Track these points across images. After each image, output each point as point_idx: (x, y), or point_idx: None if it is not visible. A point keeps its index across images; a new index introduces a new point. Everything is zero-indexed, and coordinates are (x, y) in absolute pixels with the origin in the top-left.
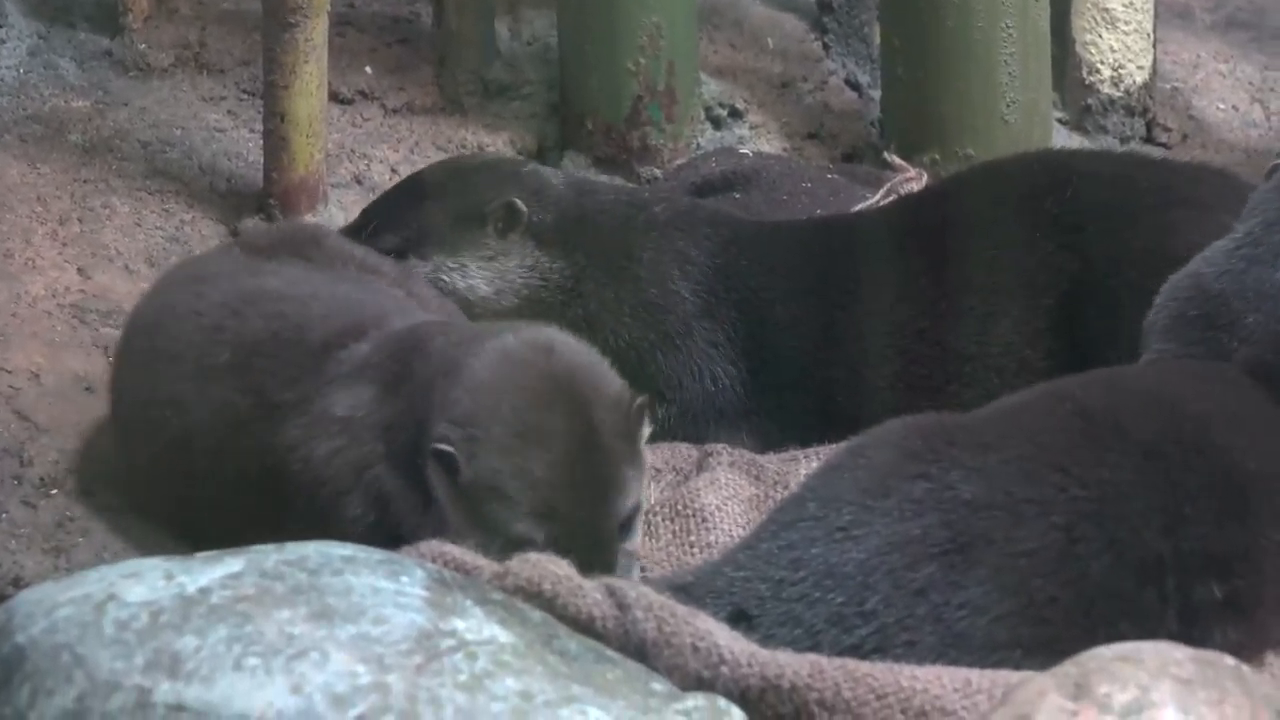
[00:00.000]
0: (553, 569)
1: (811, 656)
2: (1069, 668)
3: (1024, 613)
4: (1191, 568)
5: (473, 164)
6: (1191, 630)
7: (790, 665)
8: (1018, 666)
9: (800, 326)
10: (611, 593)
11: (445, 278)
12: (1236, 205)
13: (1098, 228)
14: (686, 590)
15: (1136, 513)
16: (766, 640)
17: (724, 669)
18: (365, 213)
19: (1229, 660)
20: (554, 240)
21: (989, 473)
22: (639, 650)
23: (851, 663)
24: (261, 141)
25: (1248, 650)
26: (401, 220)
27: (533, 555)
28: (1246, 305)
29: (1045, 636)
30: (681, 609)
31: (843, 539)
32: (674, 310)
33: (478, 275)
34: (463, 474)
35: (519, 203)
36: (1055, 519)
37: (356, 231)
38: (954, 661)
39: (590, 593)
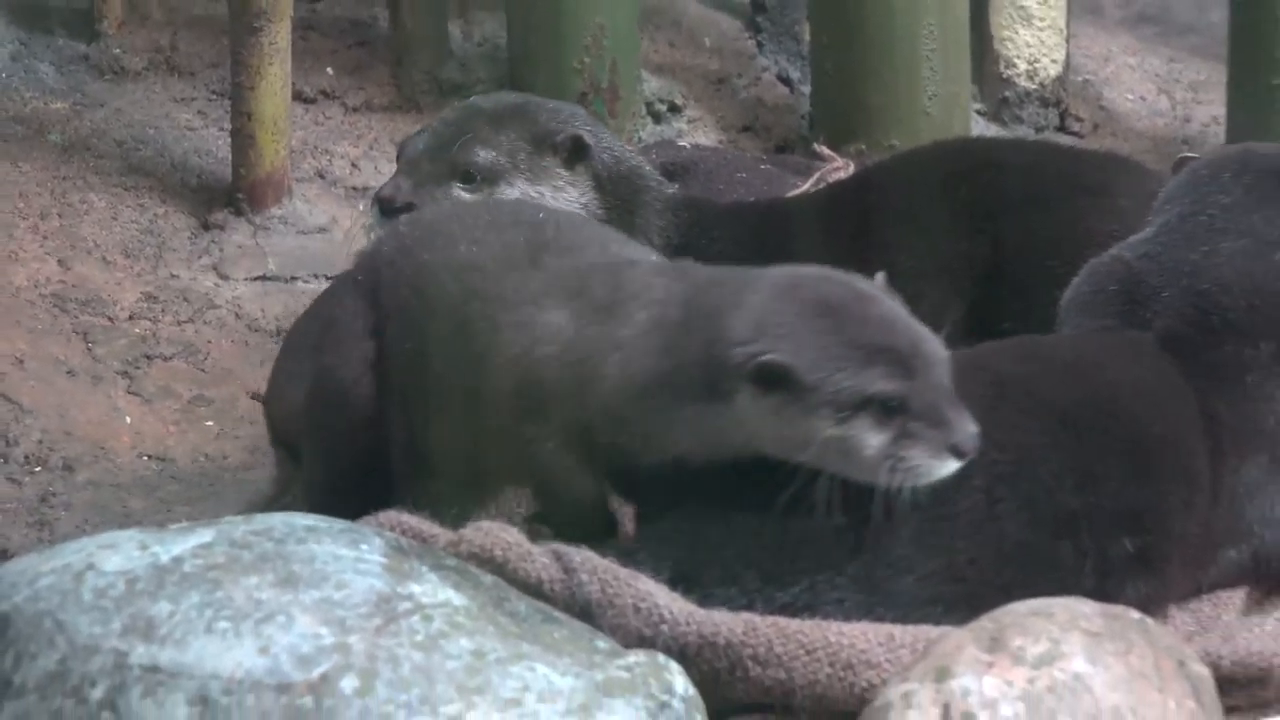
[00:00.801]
0: (504, 536)
1: (745, 615)
2: (985, 623)
3: (945, 572)
4: (1105, 524)
5: (534, 99)
6: (1106, 583)
7: (725, 623)
8: (939, 622)
9: None
10: (558, 557)
11: None
12: (1139, 191)
13: (1009, 213)
14: (629, 554)
15: (1051, 473)
16: (705, 600)
17: (664, 628)
18: (445, 129)
19: (1134, 614)
20: (604, 183)
21: None
22: (584, 611)
23: (783, 620)
24: (230, 139)
25: (1155, 603)
26: (489, 143)
27: (485, 524)
28: (1163, 281)
29: (964, 593)
30: (624, 572)
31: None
32: None
33: (553, 203)
34: (796, 367)
35: (585, 136)
36: (975, 482)
37: (446, 144)
38: (880, 618)
39: (538, 558)
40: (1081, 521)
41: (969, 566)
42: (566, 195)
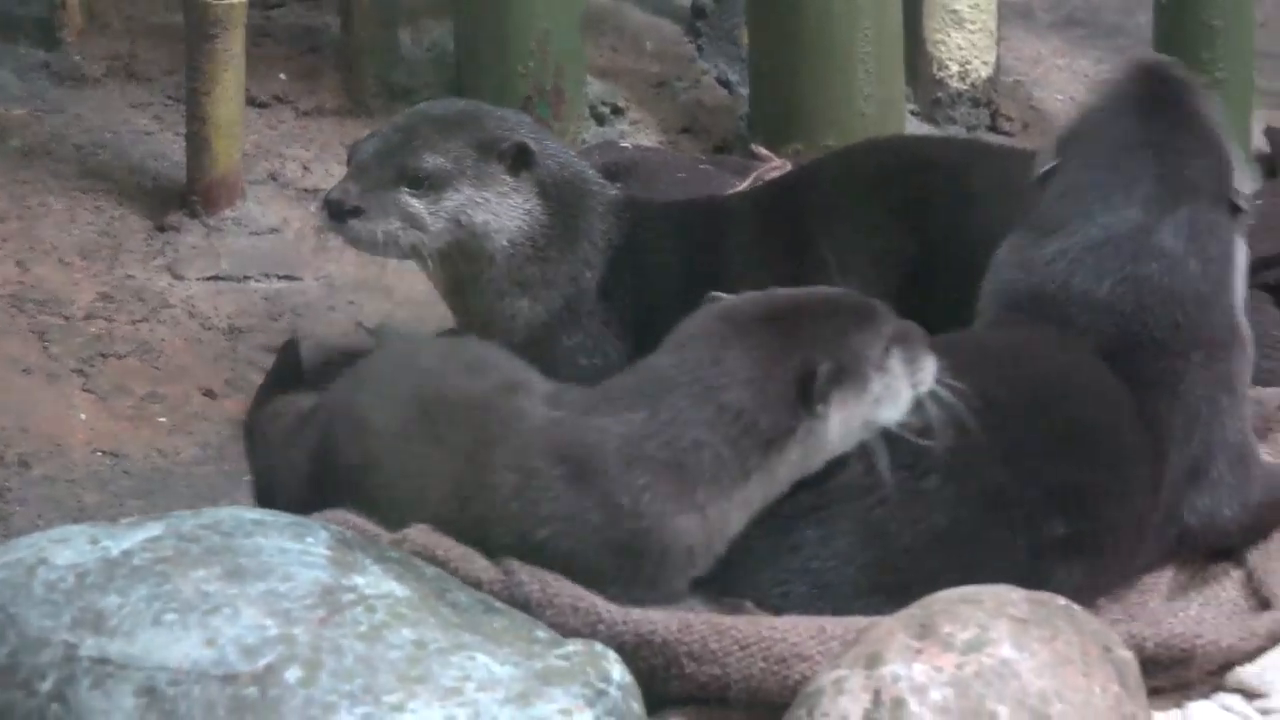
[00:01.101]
0: (445, 539)
1: (680, 613)
2: (915, 610)
3: (883, 561)
4: (1037, 503)
5: (482, 107)
6: (1038, 565)
7: (661, 621)
8: (879, 612)
9: (673, 306)
10: (498, 560)
11: (469, 211)
12: None
13: (939, 210)
14: None
15: (979, 450)
16: None
17: (601, 626)
18: (394, 134)
19: (1060, 600)
20: (548, 188)
21: None
22: (524, 610)
23: (716, 617)
24: (185, 143)
25: (1087, 590)
26: (437, 148)
27: (426, 526)
28: (1078, 310)
29: (903, 582)
30: None
31: None
32: (588, 291)
33: (498, 209)
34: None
35: (530, 143)
36: (905, 469)
37: (394, 148)
38: (822, 611)
39: (479, 558)
40: (1013, 499)
41: (904, 555)
42: (511, 201)
